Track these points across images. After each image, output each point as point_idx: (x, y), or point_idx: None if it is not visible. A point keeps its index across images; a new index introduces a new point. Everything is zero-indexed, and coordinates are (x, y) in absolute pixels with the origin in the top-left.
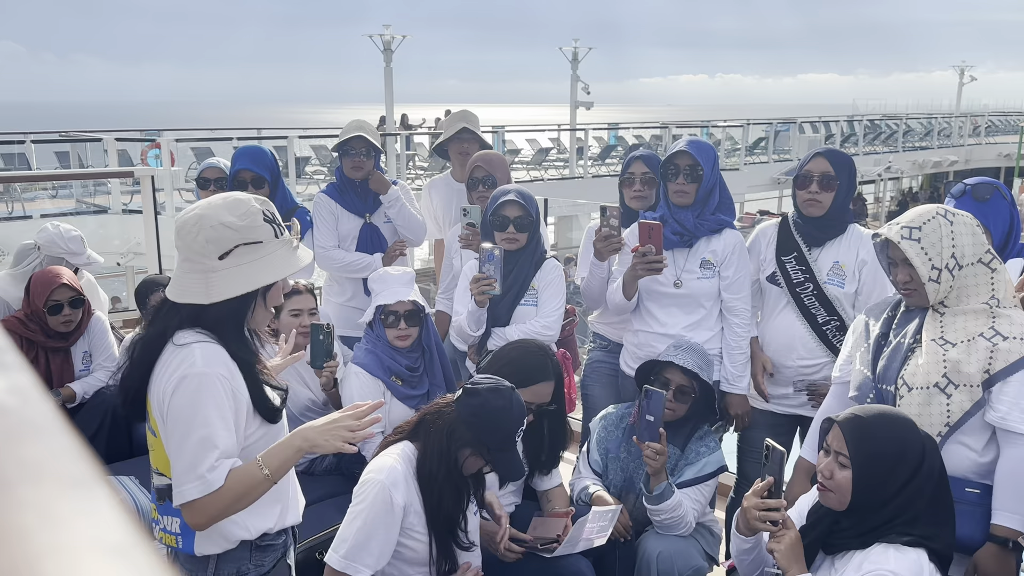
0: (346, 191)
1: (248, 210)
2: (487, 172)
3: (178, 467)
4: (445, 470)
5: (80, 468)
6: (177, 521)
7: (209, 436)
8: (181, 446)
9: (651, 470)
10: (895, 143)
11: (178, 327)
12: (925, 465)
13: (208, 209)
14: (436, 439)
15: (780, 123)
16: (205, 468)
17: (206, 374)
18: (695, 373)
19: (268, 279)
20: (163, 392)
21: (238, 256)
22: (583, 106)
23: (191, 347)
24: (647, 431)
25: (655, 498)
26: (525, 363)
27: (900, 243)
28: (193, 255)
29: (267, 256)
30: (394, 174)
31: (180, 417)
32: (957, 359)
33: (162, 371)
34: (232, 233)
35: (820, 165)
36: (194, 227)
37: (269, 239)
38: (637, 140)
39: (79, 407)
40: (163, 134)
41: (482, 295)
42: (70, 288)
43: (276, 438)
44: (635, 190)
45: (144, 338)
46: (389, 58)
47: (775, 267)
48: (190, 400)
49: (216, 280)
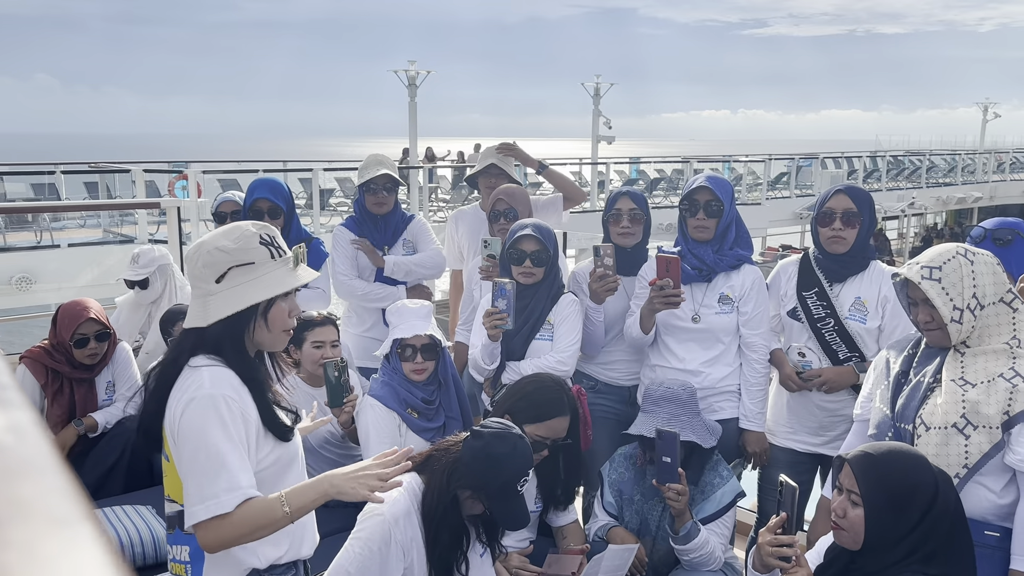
0: (365, 223)
1: (242, 234)
2: (509, 205)
3: (189, 488)
4: (443, 509)
5: (68, 507)
6: (187, 549)
7: (218, 457)
8: (191, 467)
9: (675, 511)
10: (919, 179)
11: (191, 353)
12: (939, 501)
13: (208, 237)
14: (438, 476)
15: (802, 158)
16: (215, 490)
17: (213, 395)
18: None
19: (259, 297)
20: (174, 416)
21: (232, 278)
22: (605, 140)
23: (200, 371)
24: (665, 473)
25: (682, 538)
26: (541, 398)
27: (920, 283)
28: (196, 281)
29: (261, 276)
30: (416, 206)
31: (189, 438)
32: (976, 400)
33: (174, 395)
34: (225, 256)
35: (842, 202)
36: (194, 254)
37: (263, 260)
38: (658, 174)
39: (101, 436)
40: (190, 166)
41: (494, 329)
42: (97, 322)
43: (291, 459)
44: (622, 227)
45: (160, 367)
46: (414, 93)
47: (796, 302)
48: (199, 421)
49: (212, 302)
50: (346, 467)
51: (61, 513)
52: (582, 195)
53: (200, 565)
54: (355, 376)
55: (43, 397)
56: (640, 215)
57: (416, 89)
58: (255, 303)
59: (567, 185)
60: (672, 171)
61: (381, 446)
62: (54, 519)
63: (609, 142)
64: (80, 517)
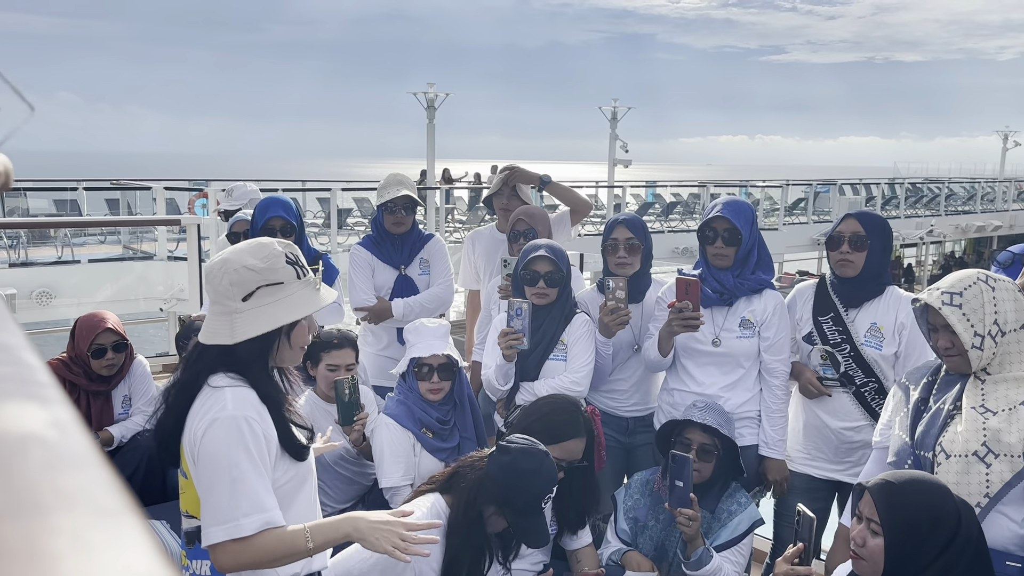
0: (382, 243)
1: (270, 253)
2: (529, 226)
3: (208, 508)
4: (469, 524)
5: (114, 499)
6: (207, 564)
7: (239, 479)
8: (212, 488)
9: (686, 537)
10: (937, 207)
11: (210, 371)
12: (961, 533)
13: (233, 254)
14: (465, 492)
15: (820, 184)
16: (235, 512)
17: (236, 417)
18: (715, 430)
19: (289, 318)
20: (194, 435)
21: (260, 297)
22: (621, 164)
23: (223, 391)
24: (677, 497)
25: (694, 564)
26: (556, 419)
27: (941, 309)
28: (219, 298)
29: (289, 296)
30: (433, 227)
31: (211, 459)
32: (998, 428)
33: (195, 414)
34: (254, 275)
35: (851, 226)
36: (219, 271)
37: (290, 280)
38: (675, 198)
39: (116, 450)
40: (210, 184)
41: (510, 349)
42: (114, 332)
43: (305, 477)
44: (619, 257)
45: (179, 383)
46: (432, 115)
47: (812, 327)
48: (221, 443)
49: (240, 321)
50: (372, 513)
51: (106, 504)
52: (588, 206)
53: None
54: (370, 394)
55: None
56: (637, 245)
57: (434, 111)
58: (288, 323)
59: (572, 198)
60: (688, 195)
61: (395, 465)
62: (99, 509)
63: (626, 165)
64: (125, 509)
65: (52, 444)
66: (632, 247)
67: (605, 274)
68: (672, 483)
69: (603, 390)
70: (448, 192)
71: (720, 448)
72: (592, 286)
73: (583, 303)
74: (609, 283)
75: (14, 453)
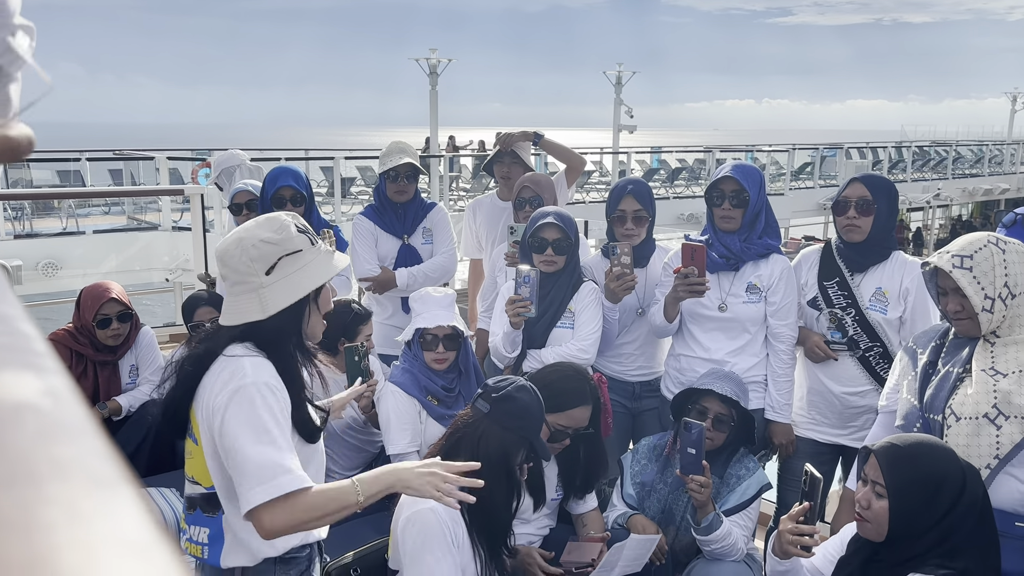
0: (385, 212)
1: (281, 224)
2: (535, 193)
3: (244, 474)
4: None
5: (108, 469)
6: (206, 531)
7: (272, 442)
8: (245, 454)
9: (697, 503)
10: (944, 170)
11: (227, 343)
12: (966, 496)
13: (244, 232)
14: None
15: (827, 148)
16: (273, 472)
17: (258, 383)
18: (734, 401)
19: (315, 283)
20: (214, 405)
21: (283, 268)
22: (626, 130)
23: (240, 360)
24: (689, 464)
25: (704, 529)
26: (563, 387)
27: (952, 272)
28: (241, 276)
29: (309, 263)
30: (437, 195)
31: (240, 427)
32: (1008, 390)
33: (211, 383)
34: (272, 247)
35: (857, 190)
36: (236, 250)
37: (307, 247)
38: (680, 164)
39: (124, 420)
40: (213, 153)
41: (517, 317)
42: (119, 302)
43: (311, 459)
44: (626, 228)
45: (193, 356)
46: (435, 81)
47: (817, 291)
48: (248, 409)
49: (268, 294)
50: (412, 463)
51: (100, 474)
52: (582, 161)
53: (218, 547)
54: (376, 363)
55: None
56: (644, 216)
57: (437, 77)
58: (316, 288)
59: (565, 153)
60: (694, 161)
61: (402, 432)
62: (93, 479)
63: (631, 131)
64: (119, 479)
65: (47, 413)
66: (639, 219)
67: (610, 240)
68: (684, 450)
69: (608, 355)
70: (453, 160)
71: (735, 418)
72: (597, 252)
73: (588, 269)
74: (615, 249)
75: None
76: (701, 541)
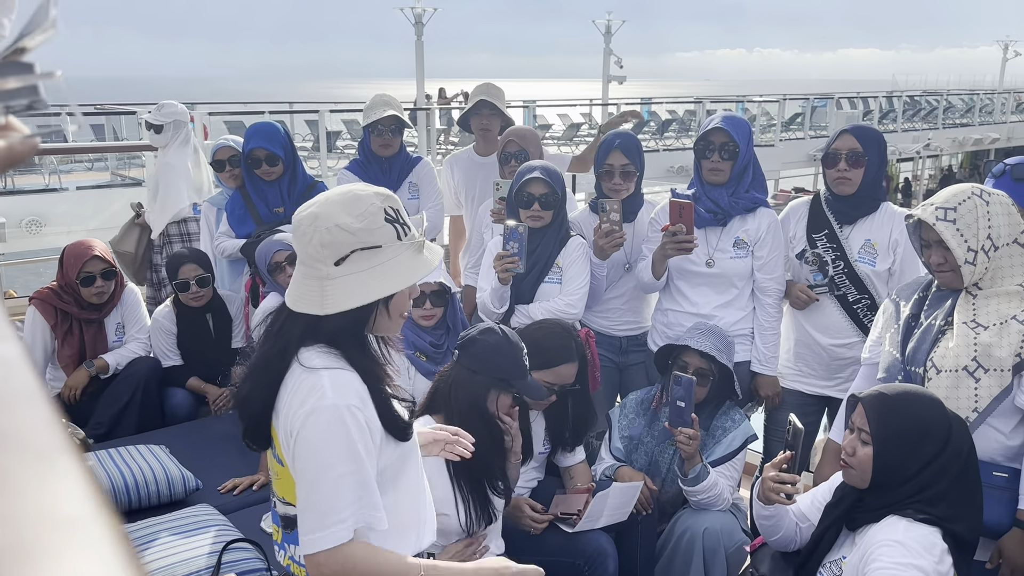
0: (370, 166)
1: (367, 209)
2: (520, 147)
3: (307, 512)
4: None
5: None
6: None
7: (341, 477)
8: (312, 489)
9: (685, 454)
10: (935, 120)
11: (300, 343)
12: (951, 445)
13: (325, 207)
14: (460, 398)
15: (817, 99)
16: (334, 519)
17: (337, 406)
18: (713, 356)
19: (387, 290)
20: (291, 426)
21: (355, 262)
22: (616, 80)
23: (319, 374)
24: (678, 417)
25: (691, 481)
26: (549, 344)
27: (935, 224)
28: (308, 259)
29: (388, 262)
30: (424, 150)
31: (310, 457)
32: (988, 342)
33: (290, 399)
34: (348, 237)
35: (847, 142)
36: (309, 228)
37: (390, 242)
38: (670, 115)
39: (112, 378)
40: (196, 108)
41: (505, 273)
42: (102, 260)
43: (409, 455)
44: (614, 183)
45: (263, 357)
46: (420, 31)
47: (805, 244)
48: (320, 437)
49: (331, 289)
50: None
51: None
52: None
53: None
54: None
55: (53, 338)
56: (632, 171)
57: (422, 27)
58: (387, 296)
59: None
60: (684, 112)
61: None
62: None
63: (620, 82)
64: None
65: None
66: (627, 174)
67: (599, 195)
68: (673, 403)
69: (596, 310)
70: (443, 113)
71: (715, 373)
72: (585, 207)
73: (576, 224)
74: (604, 205)
75: None
76: (688, 492)
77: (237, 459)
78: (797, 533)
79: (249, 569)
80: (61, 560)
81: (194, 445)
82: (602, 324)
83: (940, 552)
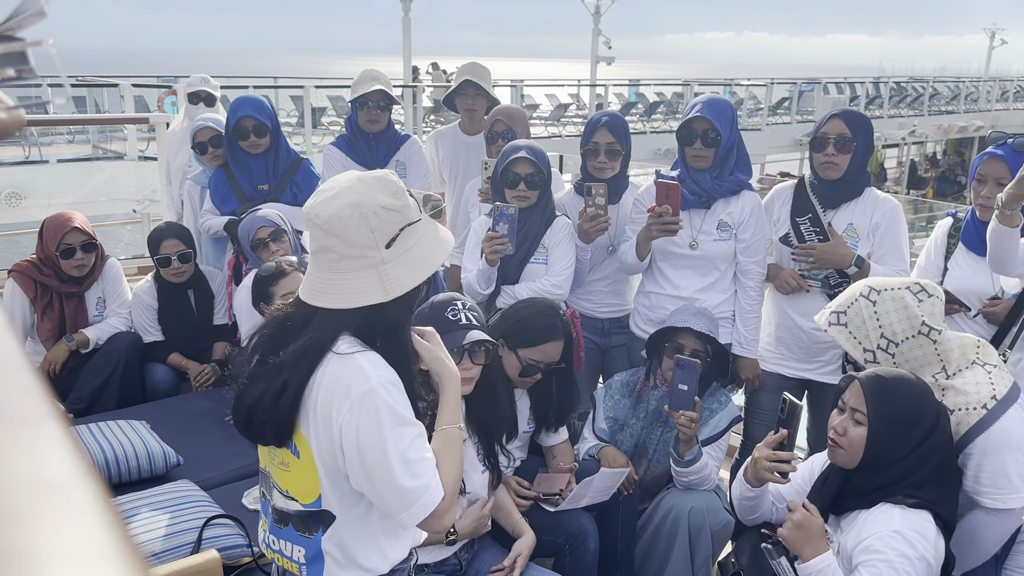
0: (356, 142)
1: (396, 187)
2: (507, 126)
3: (393, 497)
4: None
5: (33, 405)
6: (301, 551)
7: (408, 448)
8: (390, 474)
9: (684, 437)
10: (921, 107)
11: (336, 336)
12: (939, 431)
13: (361, 195)
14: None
15: (804, 83)
16: (422, 488)
17: (382, 383)
18: (710, 337)
19: (440, 259)
20: (341, 421)
21: (403, 240)
22: (604, 61)
23: (354, 358)
24: (680, 400)
25: (687, 463)
26: (534, 323)
27: (828, 329)
28: (357, 250)
29: (425, 235)
30: (411, 127)
31: (373, 442)
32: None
33: (327, 390)
34: (395, 216)
35: (836, 127)
36: (352, 218)
37: (418, 214)
38: (658, 97)
39: (93, 352)
40: (179, 81)
41: (495, 254)
42: (82, 232)
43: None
44: (599, 161)
45: (299, 352)
46: (408, 7)
47: (789, 228)
48: (376, 419)
49: (390, 272)
50: None
51: (23, 410)
52: None
53: (318, 567)
54: None
55: (33, 312)
56: (618, 149)
57: (410, 3)
58: (440, 264)
59: None
60: (672, 94)
61: None
62: (15, 416)
63: (608, 63)
64: (46, 415)
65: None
66: (612, 152)
67: (584, 176)
68: (675, 386)
69: (579, 292)
70: (438, 89)
71: (710, 354)
72: (571, 188)
73: (562, 206)
74: (590, 189)
75: None
76: (679, 473)
77: (219, 434)
78: (773, 514)
79: (230, 545)
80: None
81: (175, 421)
82: (585, 306)
83: (934, 536)
